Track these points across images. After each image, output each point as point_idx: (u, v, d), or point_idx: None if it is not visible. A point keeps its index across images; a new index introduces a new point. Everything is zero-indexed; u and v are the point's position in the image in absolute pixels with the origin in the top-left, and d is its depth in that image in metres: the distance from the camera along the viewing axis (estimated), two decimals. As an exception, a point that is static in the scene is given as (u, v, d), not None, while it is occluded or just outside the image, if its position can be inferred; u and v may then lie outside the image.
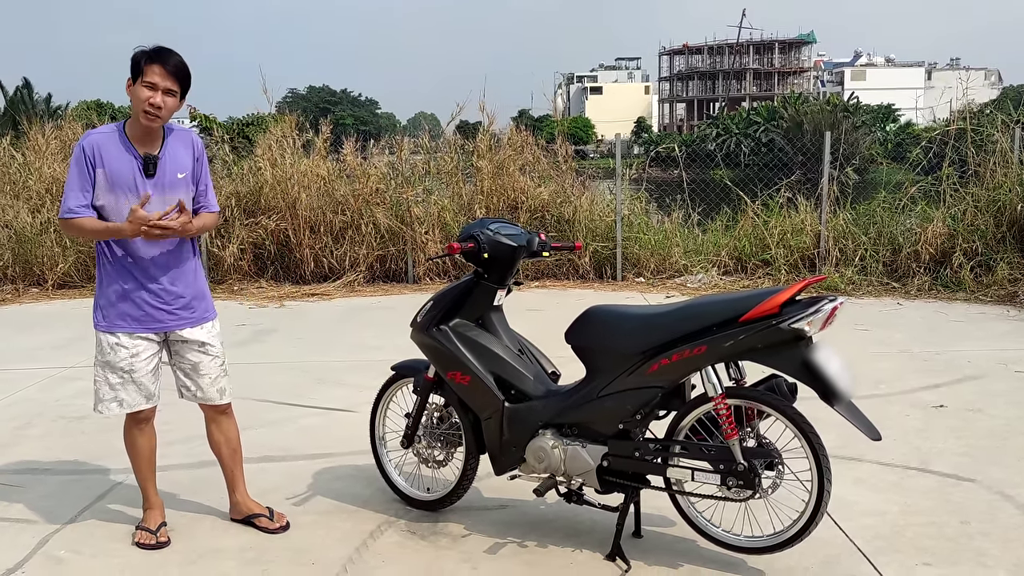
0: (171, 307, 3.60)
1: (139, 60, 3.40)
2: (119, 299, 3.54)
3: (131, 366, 3.58)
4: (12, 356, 7.27)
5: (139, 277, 3.53)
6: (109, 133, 3.50)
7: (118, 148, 3.46)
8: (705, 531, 3.44)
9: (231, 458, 3.90)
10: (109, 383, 3.60)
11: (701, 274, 10.42)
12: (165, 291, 3.58)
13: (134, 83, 3.41)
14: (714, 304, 3.27)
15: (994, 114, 10.52)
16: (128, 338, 3.57)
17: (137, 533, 3.73)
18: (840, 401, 3.09)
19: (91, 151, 3.44)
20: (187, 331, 3.65)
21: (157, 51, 3.41)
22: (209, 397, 3.75)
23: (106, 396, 3.62)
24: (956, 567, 3.38)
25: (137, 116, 3.45)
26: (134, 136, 3.49)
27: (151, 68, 3.38)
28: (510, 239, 3.65)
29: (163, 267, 3.57)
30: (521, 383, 3.62)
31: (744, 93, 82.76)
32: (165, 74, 3.39)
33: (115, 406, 3.62)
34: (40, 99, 43.86)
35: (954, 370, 6.24)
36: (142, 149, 3.48)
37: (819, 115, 39.91)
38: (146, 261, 3.53)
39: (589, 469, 3.44)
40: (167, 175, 3.52)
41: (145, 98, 3.38)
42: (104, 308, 3.58)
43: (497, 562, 3.49)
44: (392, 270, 10.99)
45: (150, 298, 3.55)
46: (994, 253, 9.40)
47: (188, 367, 3.70)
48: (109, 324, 3.57)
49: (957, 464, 4.45)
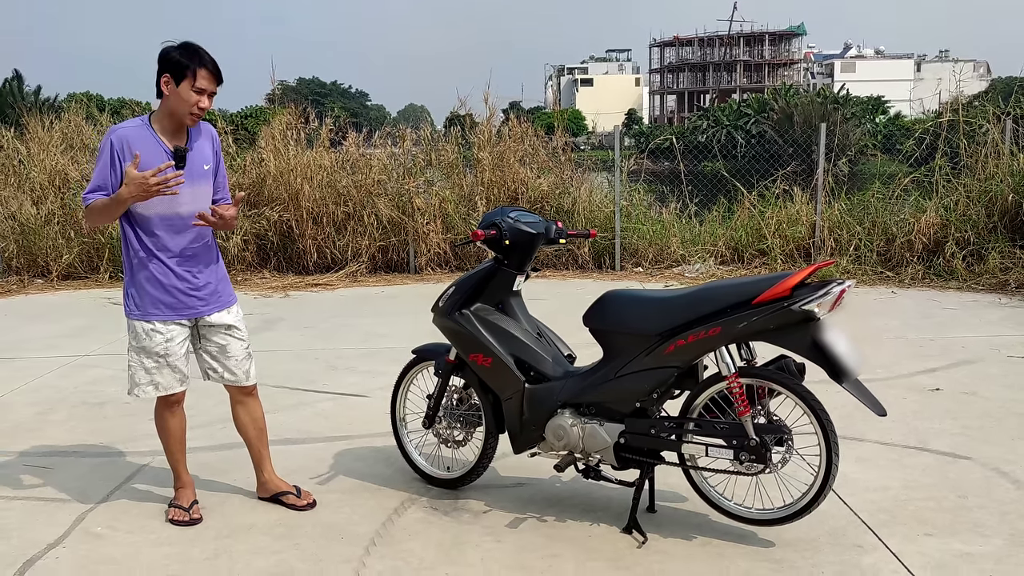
0: (200, 293, 3.72)
1: (184, 62, 3.46)
2: (152, 287, 3.64)
3: (166, 351, 3.70)
4: (26, 345, 7.39)
5: (170, 266, 3.64)
6: (137, 127, 3.58)
7: (147, 142, 3.54)
8: (718, 504, 3.61)
9: (258, 438, 4.03)
10: (145, 367, 3.72)
11: (699, 264, 10.60)
12: (194, 278, 3.69)
13: (177, 84, 3.47)
14: (728, 287, 3.43)
15: (985, 105, 10.70)
16: (163, 324, 3.69)
17: (170, 511, 3.87)
18: (848, 379, 3.26)
19: (120, 145, 3.51)
20: (216, 315, 3.78)
21: (204, 55, 3.50)
22: (238, 379, 3.88)
23: (142, 380, 3.74)
24: (955, 536, 3.56)
25: (179, 116, 3.53)
26: (162, 130, 3.58)
27: (202, 73, 3.47)
28: (530, 226, 3.80)
29: (191, 256, 3.69)
30: (541, 365, 3.78)
31: (734, 85, 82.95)
32: (212, 79, 3.51)
33: (151, 389, 3.74)
34: (30, 91, 43.69)
35: (949, 355, 6.43)
36: (170, 142, 3.57)
37: (809, 107, 40.10)
38: (174, 250, 3.64)
39: (607, 446, 3.60)
40: (195, 167, 3.62)
41: (195, 102, 3.49)
42: (136, 297, 3.68)
43: (519, 535, 3.66)
44: (394, 260, 11.12)
45: (181, 285, 3.67)
46: (986, 242, 9.60)
47: (216, 350, 3.83)
48: (143, 312, 3.68)
49: (954, 443, 4.64)
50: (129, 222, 3.63)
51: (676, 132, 18.59)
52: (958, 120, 10.52)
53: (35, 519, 3.89)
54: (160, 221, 3.61)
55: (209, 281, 3.75)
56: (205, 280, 3.74)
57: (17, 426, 5.21)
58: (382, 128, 12.42)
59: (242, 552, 3.56)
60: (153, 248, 3.63)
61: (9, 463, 4.60)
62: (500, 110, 12.43)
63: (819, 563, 3.37)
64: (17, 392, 5.94)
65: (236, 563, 3.47)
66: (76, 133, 12.30)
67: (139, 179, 3.36)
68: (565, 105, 72.70)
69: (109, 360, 6.76)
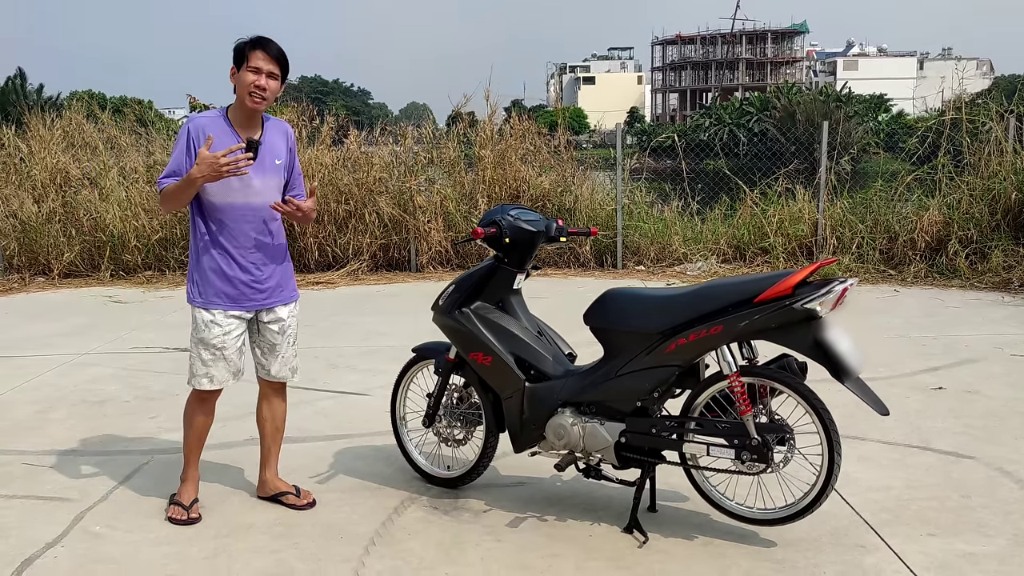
0: (263, 286, 3.75)
1: (242, 48, 3.58)
2: (216, 277, 3.67)
3: (223, 343, 3.72)
4: (26, 343, 7.37)
5: (234, 256, 3.67)
6: (213, 118, 3.65)
7: (222, 131, 3.60)
8: (719, 504, 3.59)
9: (272, 436, 4.03)
10: (202, 359, 3.74)
11: (700, 262, 10.57)
12: (258, 270, 3.72)
13: (238, 70, 3.57)
14: (729, 286, 3.41)
15: (988, 104, 10.68)
16: (223, 316, 3.70)
17: (170, 508, 3.86)
18: (850, 378, 3.24)
19: (196, 133, 3.58)
20: (276, 311, 3.82)
21: (259, 38, 3.60)
22: (281, 376, 3.92)
23: (199, 371, 3.76)
24: (958, 536, 3.54)
25: (242, 100, 3.59)
26: (236, 121, 3.65)
27: (255, 54, 3.56)
28: (530, 225, 3.78)
29: (256, 248, 3.71)
30: (541, 363, 3.76)
31: (737, 83, 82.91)
32: (268, 58, 3.56)
33: (206, 382, 3.76)
34: (32, 89, 43.71)
35: (952, 354, 6.41)
36: (244, 134, 3.64)
37: (812, 105, 40.06)
38: (240, 241, 3.67)
39: (607, 445, 3.59)
40: (266, 160, 3.68)
41: (250, 81, 3.54)
42: (200, 284, 3.70)
43: (519, 534, 3.64)
44: (395, 258, 11.11)
45: (244, 277, 3.69)
46: (989, 241, 9.58)
47: (267, 346, 3.86)
48: (205, 301, 3.70)
49: (957, 442, 4.61)
50: (199, 210, 3.67)
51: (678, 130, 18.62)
52: (961, 118, 10.50)
53: (34, 518, 3.88)
54: (228, 210, 3.65)
55: (273, 275, 3.78)
56: (268, 273, 3.76)
57: (17, 424, 5.20)
58: (379, 123, 12.40)
59: (241, 551, 3.55)
60: (219, 237, 3.66)
61: (8, 461, 4.58)
62: (502, 108, 12.40)
63: (821, 563, 3.35)
64: (17, 390, 5.93)
65: (235, 562, 3.46)
66: (77, 131, 12.29)
67: (210, 159, 3.42)
68: (567, 103, 72.71)
69: (109, 359, 6.75)
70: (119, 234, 10.88)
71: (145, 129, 12.74)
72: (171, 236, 11.06)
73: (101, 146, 12.06)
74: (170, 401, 5.62)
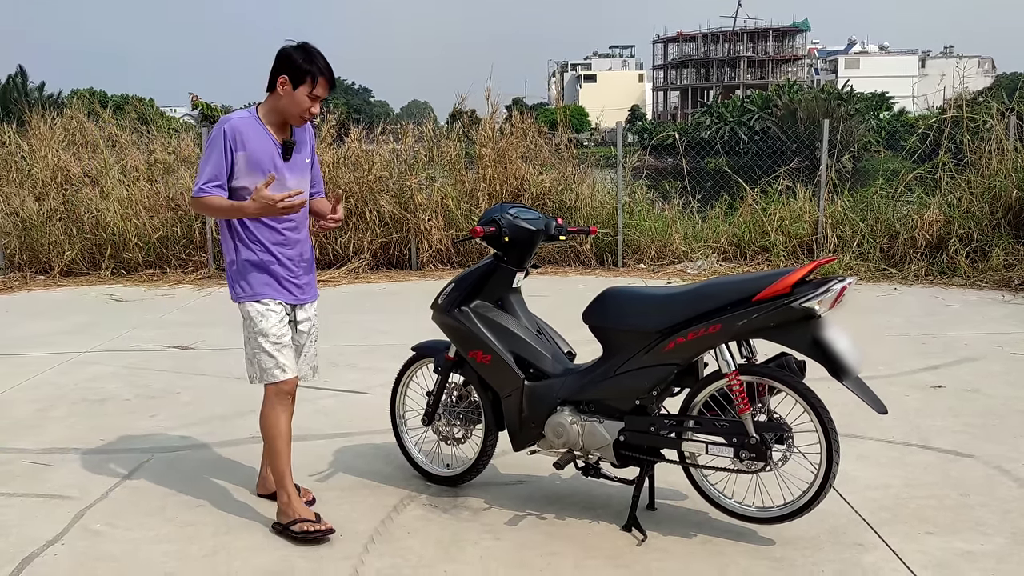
0: (300, 281, 3.76)
1: (305, 68, 3.50)
2: (260, 270, 3.64)
3: (282, 331, 3.67)
4: (27, 341, 7.38)
5: (274, 253, 3.66)
6: (247, 118, 3.61)
7: (258, 133, 3.58)
8: (718, 502, 3.60)
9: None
10: (268, 352, 3.64)
11: (701, 260, 10.57)
12: (295, 267, 3.72)
13: (295, 86, 3.52)
14: (728, 285, 3.41)
15: (989, 102, 10.67)
16: (275, 304, 3.67)
17: (297, 526, 3.59)
18: (848, 377, 3.24)
19: (232, 135, 3.53)
20: (306, 307, 3.82)
21: (324, 61, 3.55)
22: (302, 374, 3.85)
23: (269, 364, 3.64)
24: (957, 535, 3.54)
25: (289, 116, 3.58)
26: (269, 123, 3.62)
27: (322, 82, 3.53)
28: (529, 223, 3.78)
29: (293, 245, 3.71)
30: (540, 362, 3.77)
31: (738, 81, 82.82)
32: (328, 87, 3.57)
33: (279, 373, 3.65)
34: (34, 87, 43.76)
35: (951, 352, 6.41)
36: (278, 135, 3.64)
37: (813, 103, 40.05)
38: (278, 240, 3.66)
39: (606, 444, 3.59)
40: (299, 161, 3.71)
41: (307, 107, 3.55)
42: (245, 280, 3.65)
43: (518, 533, 3.65)
44: (396, 257, 11.11)
45: (284, 272, 3.69)
46: (989, 239, 9.57)
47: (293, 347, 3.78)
48: (254, 292, 3.65)
49: (956, 441, 4.62)
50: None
51: (679, 128, 18.63)
52: (962, 116, 10.49)
53: (34, 516, 3.89)
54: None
55: (306, 272, 3.80)
56: (303, 270, 3.78)
57: (17, 423, 5.21)
58: (380, 122, 12.39)
59: (241, 549, 3.55)
60: (258, 235, 3.64)
61: (9, 460, 4.59)
62: (503, 106, 12.41)
63: (819, 561, 3.35)
64: (17, 389, 5.94)
65: (235, 560, 3.46)
66: (78, 129, 12.31)
67: (268, 199, 3.40)
68: (568, 101, 72.72)
69: (110, 357, 6.76)
70: (120, 232, 10.89)
71: (146, 127, 12.75)
72: (172, 234, 11.07)
73: (102, 144, 12.07)
74: (170, 399, 5.63)
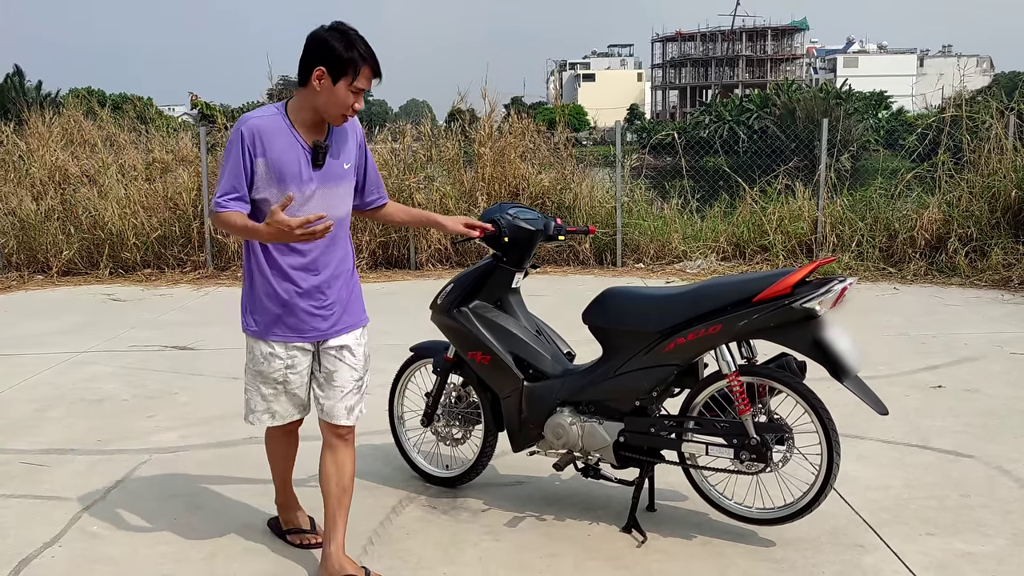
0: (329, 312, 3.17)
1: (346, 56, 2.94)
2: (274, 305, 3.12)
3: (285, 377, 3.21)
4: (24, 341, 7.36)
5: (295, 281, 3.10)
6: (271, 117, 3.04)
7: (283, 135, 3.02)
8: (718, 503, 3.59)
9: (338, 499, 3.27)
10: (261, 394, 3.24)
11: (700, 260, 10.56)
12: (322, 294, 3.14)
13: (334, 80, 2.95)
14: (728, 285, 3.40)
15: (988, 101, 10.66)
16: (283, 348, 3.16)
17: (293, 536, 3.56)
18: (849, 377, 3.23)
19: (251, 138, 2.98)
20: (338, 338, 3.22)
21: (367, 47, 2.98)
22: (334, 414, 3.23)
23: (258, 407, 3.27)
24: (957, 536, 3.53)
25: (327, 115, 3.03)
26: (300, 122, 3.05)
27: (364, 71, 2.98)
28: (529, 223, 3.76)
29: (321, 268, 3.14)
30: (539, 363, 3.75)
31: (737, 80, 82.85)
32: (372, 77, 3.03)
33: (267, 418, 3.29)
34: (31, 86, 43.66)
35: (951, 352, 6.40)
36: (308, 137, 3.06)
37: (812, 102, 40.05)
38: (304, 262, 3.10)
39: (606, 445, 3.58)
40: (334, 166, 3.11)
41: (350, 104, 3.00)
42: (256, 314, 3.16)
43: (517, 534, 3.63)
44: (395, 256, 11.09)
45: (306, 305, 3.12)
46: (988, 238, 9.56)
47: (323, 376, 3.23)
48: (261, 331, 3.16)
49: (956, 441, 4.60)
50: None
51: (678, 127, 18.63)
52: (961, 115, 10.48)
53: (31, 517, 3.87)
54: None
55: (339, 298, 3.20)
56: (335, 297, 3.18)
57: (14, 423, 5.19)
58: (378, 121, 12.37)
59: (238, 551, 3.54)
60: (278, 258, 3.09)
61: (6, 461, 4.57)
62: (502, 105, 12.39)
63: (820, 563, 3.34)
64: (15, 389, 5.92)
65: (233, 562, 3.45)
66: (76, 129, 12.29)
67: (283, 225, 2.82)
68: (567, 100, 72.66)
69: (108, 357, 6.74)
70: (118, 232, 10.86)
71: (144, 126, 12.73)
72: (170, 234, 11.04)
73: (100, 143, 12.05)
74: (168, 400, 5.61)
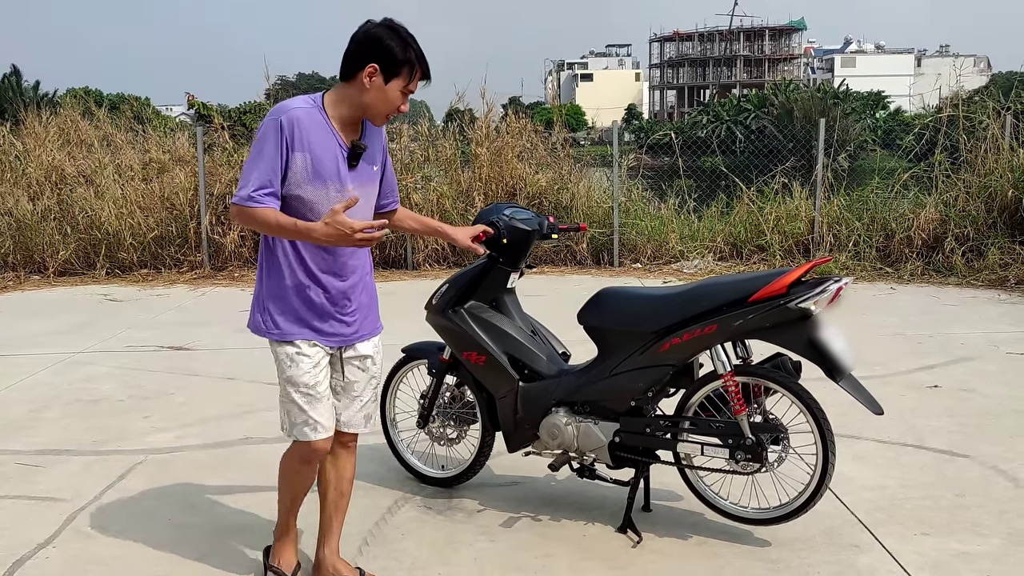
0: (352, 317, 3.06)
1: (402, 57, 2.83)
2: (299, 304, 2.96)
3: (315, 379, 2.98)
4: (20, 342, 7.35)
5: (324, 284, 2.97)
6: (309, 109, 2.86)
7: (320, 130, 2.86)
8: (713, 503, 3.59)
9: (335, 503, 3.25)
10: (298, 404, 2.98)
11: (697, 260, 10.56)
12: (347, 300, 3.03)
13: (386, 79, 2.83)
14: (723, 285, 3.40)
15: (985, 101, 10.67)
16: (308, 346, 2.98)
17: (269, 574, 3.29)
18: (844, 377, 3.23)
19: (290, 129, 2.80)
20: (360, 345, 3.11)
21: (420, 49, 2.89)
22: (353, 423, 3.15)
23: (298, 419, 3.00)
24: (953, 536, 3.53)
25: (370, 113, 2.91)
26: (336, 118, 2.90)
27: (417, 74, 2.90)
28: (525, 224, 3.76)
29: (350, 272, 3.03)
30: (535, 363, 3.75)
31: (734, 80, 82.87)
32: (421, 80, 2.94)
33: (309, 431, 2.99)
34: (28, 86, 43.58)
35: (947, 352, 6.40)
36: (344, 134, 2.92)
37: (809, 102, 40.07)
38: (331, 264, 2.98)
39: (601, 445, 3.58)
40: (366, 168, 3.00)
41: (398, 105, 2.90)
42: (278, 314, 2.97)
43: (513, 534, 3.63)
44: (391, 256, 11.08)
45: (333, 309, 3.00)
46: (985, 238, 9.57)
47: (340, 386, 3.12)
48: (283, 332, 2.97)
49: (952, 441, 4.61)
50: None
51: (675, 127, 18.65)
52: (958, 115, 10.49)
53: (26, 518, 3.86)
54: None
55: (361, 304, 3.09)
56: (358, 303, 3.07)
57: (10, 423, 5.18)
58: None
59: (234, 552, 3.53)
60: (308, 260, 2.95)
61: (1, 461, 4.56)
62: (499, 105, 12.39)
63: (815, 563, 3.34)
64: (11, 389, 5.91)
65: (228, 563, 3.44)
66: (73, 129, 12.27)
67: (345, 227, 2.70)
68: (564, 100, 72.62)
69: (104, 357, 6.73)
70: (115, 232, 10.84)
71: (141, 126, 12.72)
72: (167, 234, 11.03)
73: (97, 143, 12.03)
74: (164, 400, 5.61)
